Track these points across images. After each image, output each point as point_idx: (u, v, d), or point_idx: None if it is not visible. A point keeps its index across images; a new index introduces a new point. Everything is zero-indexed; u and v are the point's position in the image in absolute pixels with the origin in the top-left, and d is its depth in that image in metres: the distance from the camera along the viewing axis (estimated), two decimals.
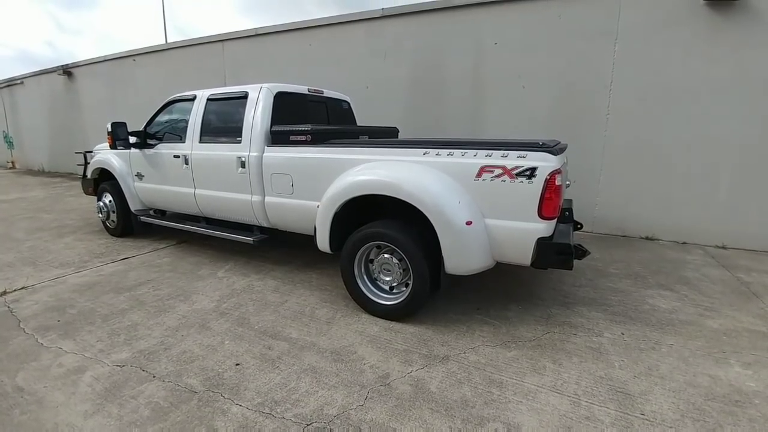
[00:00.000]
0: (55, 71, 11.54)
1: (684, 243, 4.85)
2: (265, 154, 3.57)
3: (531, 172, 2.47)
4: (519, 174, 2.49)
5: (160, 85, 8.83)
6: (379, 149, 3.09)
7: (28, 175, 12.33)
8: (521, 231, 2.56)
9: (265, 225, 3.81)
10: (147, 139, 4.55)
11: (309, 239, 3.33)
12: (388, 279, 2.99)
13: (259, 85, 3.74)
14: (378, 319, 2.96)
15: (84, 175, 5.55)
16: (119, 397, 2.13)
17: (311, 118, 4.04)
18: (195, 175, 4.11)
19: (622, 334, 2.74)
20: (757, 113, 4.38)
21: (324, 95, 4.42)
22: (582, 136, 5.08)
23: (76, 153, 6.64)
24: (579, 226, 3.43)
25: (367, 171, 2.96)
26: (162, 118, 4.57)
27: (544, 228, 2.52)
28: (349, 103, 4.91)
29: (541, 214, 2.48)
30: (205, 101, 4.08)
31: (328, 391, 2.17)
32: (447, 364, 2.42)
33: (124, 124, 4.55)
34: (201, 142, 4.03)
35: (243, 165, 3.65)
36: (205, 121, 4.05)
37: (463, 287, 3.43)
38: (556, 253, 2.57)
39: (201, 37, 8.49)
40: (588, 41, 4.99)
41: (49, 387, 2.22)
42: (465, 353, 2.52)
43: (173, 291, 3.51)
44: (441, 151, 2.78)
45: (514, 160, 2.52)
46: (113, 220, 5.15)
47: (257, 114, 3.63)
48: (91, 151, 5.58)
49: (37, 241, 5.03)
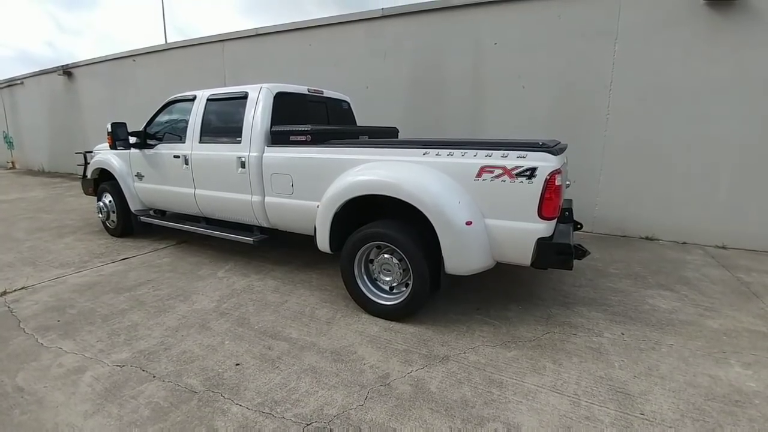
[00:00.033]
0: (55, 71, 11.55)
1: (684, 243, 4.85)
2: (265, 155, 3.57)
3: (531, 172, 2.47)
4: (519, 174, 2.50)
5: (160, 86, 8.83)
6: (379, 149, 3.09)
7: (28, 176, 12.33)
8: (521, 231, 2.56)
9: (265, 225, 3.81)
10: (147, 139, 4.55)
11: (309, 239, 3.33)
12: (388, 279, 2.99)
13: (259, 85, 3.75)
14: (378, 319, 2.96)
15: (84, 175, 5.55)
16: (119, 397, 2.13)
17: (311, 119, 4.04)
18: (195, 175, 4.11)
19: (622, 334, 2.74)
20: (757, 113, 4.38)
21: (324, 95, 4.42)
22: (582, 136, 5.08)
23: (76, 153, 6.63)
24: (579, 226, 3.43)
25: (367, 171, 2.96)
26: (162, 118, 4.57)
27: (544, 228, 2.52)
28: (348, 103, 4.91)
29: (541, 214, 2.48)
30: (205, 101, 4.08)
31: (328, 391, 2.17)
32: (447, 364, 2.42)
33: (124, 125, 4.55)
34: (201, 142, 4.04)
35: (243, 165, 3.66)
36: (205, 122, 4.05)
37: (463, 287, 3.43)
38: (556, 253, 2.57)
39: (201, 37, 8.49)
40: (588, 41, 4.99)
41: (49, 387, 2.22)
42: (465, 353, 2.52)
43: (173, 291, 3.51)
44: (441, 151, 2.78)
45: (514, 160, 2.52)
46: (113, 221, 5.15)
47: (257, 114, 3.63)
48: (91, 152, 5.58)
49: (37, 241, 5.03)
